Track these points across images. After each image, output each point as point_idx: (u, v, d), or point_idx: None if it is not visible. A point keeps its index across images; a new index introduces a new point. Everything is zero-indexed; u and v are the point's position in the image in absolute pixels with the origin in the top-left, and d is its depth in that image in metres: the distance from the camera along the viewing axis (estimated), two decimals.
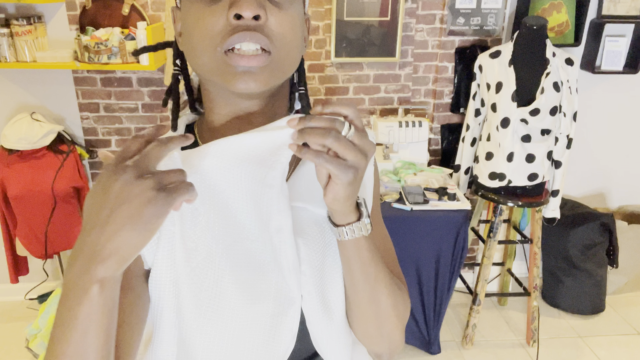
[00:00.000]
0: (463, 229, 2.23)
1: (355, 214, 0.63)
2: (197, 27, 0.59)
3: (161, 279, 0.63)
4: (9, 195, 2.40)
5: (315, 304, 0.68)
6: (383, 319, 0.70)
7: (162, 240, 0.62)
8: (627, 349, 2.62)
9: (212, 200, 0.63)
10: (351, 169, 0.56)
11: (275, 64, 0.60)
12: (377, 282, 0.68)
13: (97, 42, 2.23)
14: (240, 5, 0.55)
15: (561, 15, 2.59)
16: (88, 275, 0.50)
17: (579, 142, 2.92)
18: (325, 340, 0.70)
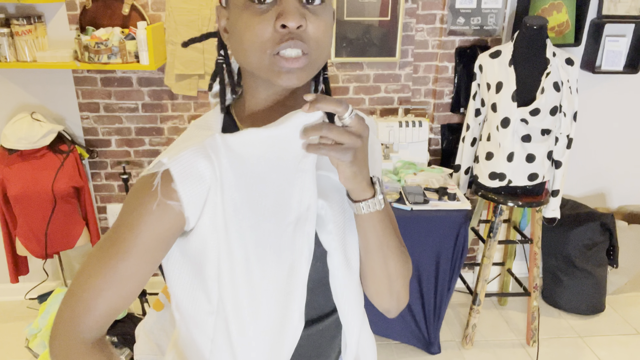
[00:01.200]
0: (463, 229, 2.23)
1: (370, 191, 0.74)
2: (247, 32, 0.69)
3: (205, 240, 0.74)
4: (9, 195, 2.40)
5: (340, 259, 0.80)
6: (393, 279, 0.83)
7: (207, 207, 0.72)
8: (627, 349, 2.62)
9: (249, 180, 0.73)
10: (348, 150, 0.68)
11: (312, 63, 0.71)
12: (389, 249, 0.80)
13: (97, 42, 2.23)
14: (286, 18, 0.66)
15: (561, 15, 2.59)
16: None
17: (579, 142, 2.92)
18: (345, 293, 0.83)
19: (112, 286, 0.73)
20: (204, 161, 0.71)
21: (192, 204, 0.71)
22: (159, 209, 0.71)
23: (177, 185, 0.70)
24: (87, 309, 0.73)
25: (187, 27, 2.43)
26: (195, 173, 0.71)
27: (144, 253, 0.72)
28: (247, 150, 0.73)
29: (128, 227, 0.72)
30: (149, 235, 0.72)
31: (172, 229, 0.73)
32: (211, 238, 0.73)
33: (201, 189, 0.71)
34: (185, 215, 0.72)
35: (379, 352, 2.54)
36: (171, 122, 2.65)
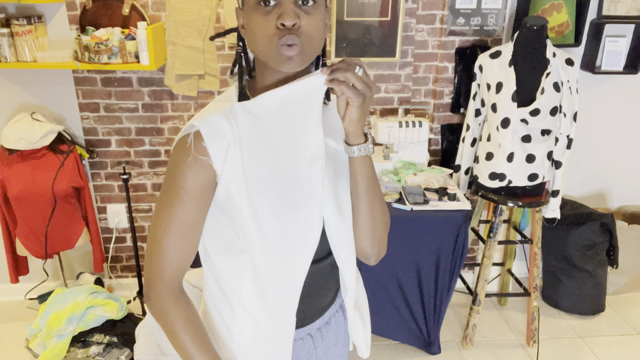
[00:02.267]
0: (463, 229, 2.23)
1: (363, 137, 0.93)
2: (257, 29, 0.88)
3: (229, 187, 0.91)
4: (9, 195, 2.40)
5: (333, 209, 0.97)
6: (376, 223, 1.01)
7: (228, 159, 0.89)
8: (627, 349, 2.62)
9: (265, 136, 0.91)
10: (361, 95, 0.86)
11: (306, 52, 0.88)
12: (374, 194, 0.98)
13: (98, 42, 2.23)
14: (284, 18, 0.84)
15: (561, 16, 2.59)
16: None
17: (579, 142, 2.92)
18: (340, 238, 1.00)
19: (179, 235, 0.91)
20: (225, 122, 0.89)
21: (218, 158, 0.88)
22: (194, 163, 0.88)
23: (207, 143, 0.87)
24: (168, 261, 0.92)
25: (187, 27, 2.43)
26: (219, 132, 0.88)
27: (194, 200, 0.90)
28: (262, 109, 0.91)
29: (175, 182, 0.90)
30: (192, 185, 0.89)
31: (208, 180, 0.90)
32: (233, 185, 0.90)
33: (223, 144, 0.88)
34: (214, 168, 0.89)
35: (379, 352, 2.54)
36: (171, 122, 2.65)
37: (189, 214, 0.90)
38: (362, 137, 0.93)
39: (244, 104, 0.92)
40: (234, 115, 0.90)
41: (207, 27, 2.45)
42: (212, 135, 0.88)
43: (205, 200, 0.91)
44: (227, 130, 0.89)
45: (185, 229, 0.91)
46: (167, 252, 0.91)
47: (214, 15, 2.44)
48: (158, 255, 0.92)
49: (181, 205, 0.90)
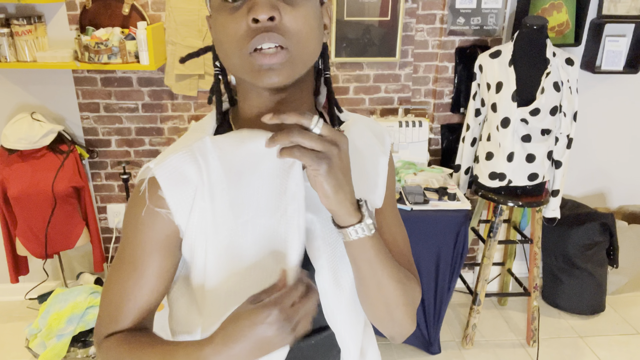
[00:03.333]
0: (463, 229, 2.23)
1: (356, 215, 0.68)
2: (224, 34, 0.67)
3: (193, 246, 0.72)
4: (9, 195, 2.40)
5: (328, 278, 0.75)
6: (392, 307, 0.76)
7: (194, 213, 0.71)
8: (627, 349, 2.62)
9: (243, 178, 0.71)
10: (323, 159, 0.63)
11: (294, 58, 0.67)
12: (384, 276, 0.73)
13: (98, 42, 2.23)
14: (255, 10, 0.63)
15: (561, 15, 2.59)
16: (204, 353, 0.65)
17: (579, 142, 2.92)
18: (336, 312, 0.78)
19: (129, 298, 0.74)
20: (191, 165, 0.70)
21: (180, 210, 0.70)
22: (148, 217, 0.71)
23: (164, 192, 0.69)
24: (113, 321, 0.76)
25: (187, 27, 2.43)
26: (182, 178, 0.70)
27: (149, 262, 0.73)
28: (238, 149, 0.71)
29: (128, 240, 0.74)
30: (147, 244, 0.72)
31: (169, 236, 0.72)
32: (200, 246, 0.72)
33: (187, 193, 0.70)
34: (175, 222, 0.71)
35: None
36: (171, 122, 2.65)
37: (142, 275, 0.73)
38: (354, 215, 0.68)
39: (218, 140, 0.72)
40: (203, 154, 0.70)
41: (206, 28, 2.45)
42: (172, 182, 0.69)
43: (166, 259, 0.73)
44: (193, 175, 0.70)
45: (138, 292, 0.74)
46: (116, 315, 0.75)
47: None
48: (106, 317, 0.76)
49: (134, 272, 0.73)
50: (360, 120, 0.84)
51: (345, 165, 0.66)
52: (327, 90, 0.81)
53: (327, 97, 0.82)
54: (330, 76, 0.80)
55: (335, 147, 0.64)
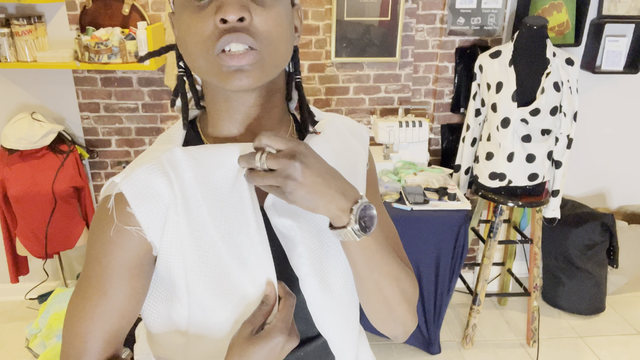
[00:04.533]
0: (463, 229, 2.23)
1: (344, 217, 0.65)
2: (189, 34, 0.63)
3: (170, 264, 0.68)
4: (9, 195, 2.40)
5: (314, 285, 0.71)
6: (393, 305, 0.74)
7: (167, 228, 0.66)
8: (627, 349, 2.62)
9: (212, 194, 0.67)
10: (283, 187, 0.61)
11: (265, 60, 0.64)
12: (383, 274, 0.71)
13: (98, 42, 2.23)
14: (224, 10, 0.59)
15: (561, 15, 2.59)
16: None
17: (580, 142, 2.92)
18: (327, 319, 0.74)
19: (98, 324, 0.69)
20: (160, 178, 0.66)
21: (152, 226, 0.66)
22: (117, 235, 0.66)
23: (133, 208, 0.65)
24: (85, 351, 0.70)
25: None
26: (151, 192, 0.65)
27: (119, 284, 0.68)
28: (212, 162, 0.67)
29: (95, 260, 0.68)
30: (117, 264, 0.67)
31: (140, 254, 0.67)
32: (176, 260, 0.67)
33: (159, 207, 0.66)
34: (148, 239, 0.67)
35: (379, 352, 2.54)
36: (171, 122, 2.65)
37: (113, 301, 0.68)
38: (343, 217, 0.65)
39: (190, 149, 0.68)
40: (173, 165, 0.66)
41: None
42: (141, 196, 0.65)
43: (137, 280, 0.69)
44: (163, 188, 0.65)
45: (108, 316, 0.69)
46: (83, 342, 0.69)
47: None
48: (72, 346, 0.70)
49: (102, 294, 0.68)
50: (335, 119, 0.82)
51: (318, 169, 0.62)
52: (298, 94, 0.78)
53: (298, 101, 0.78)
54: (301, 80, 0.77)
55: (293, 160, 0.60)
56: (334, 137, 0.78)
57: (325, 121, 0.80)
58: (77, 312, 0.69)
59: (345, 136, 0.80)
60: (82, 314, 0.69)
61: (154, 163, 0.66)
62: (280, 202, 0.71)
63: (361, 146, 0.82)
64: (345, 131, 0.81)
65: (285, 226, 0.70)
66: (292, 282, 0.73)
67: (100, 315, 0.68)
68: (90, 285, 0.68)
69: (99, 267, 0.68)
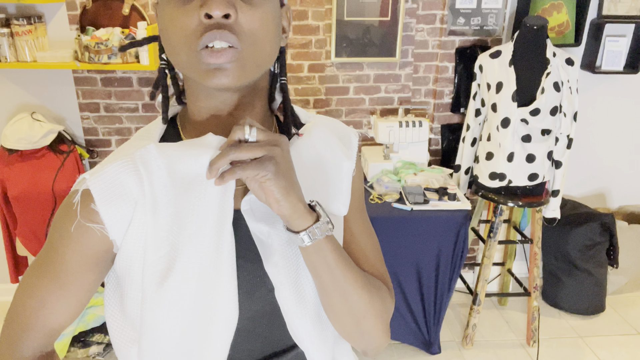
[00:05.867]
0: (463, 229, 2.23)
1: (310, 215, 0.65)
2: (172, 27, 0.62)
3: (130, 261, 0.67)
4: (9, 195, 2.40)
5: (289, 294, 0.70)
6: (359, 317, 0.72)
7: (133, 227, 0.65)
8: (627, 349, 2.62)
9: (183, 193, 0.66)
10: (267, 161, 0.60)
11: (246, 60, 0.63)
12: (347, 282, 0.69)
13: (98, 42, 2.23)
14: (209, 5, 0.58)
15: (561, 15, 2.59)
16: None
17: (580, 142, 2.92)
18: (301, 329, 0.73)
19: (46, 307, 0.70)
20: (131, 176, 0.64)
21: (117, 224, 0.65)
22: (78, 231, 0.66)
23: (98, 206, 0.64)
24: (26, 328, 0.71)
25: None
26: (119, 191, 0.64)
27: (74, 277, 0.68)
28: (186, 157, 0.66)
29: (53, 249, 0.68)
30: (74, 258, 0.67)
31: (98, 252, 0.67)
32: (137, 257, 0.66)
33: (125, 207, 0.65)
34: (110, 237, 0.66)
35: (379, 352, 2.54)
36: None
37: (64, 289, 0.69)
38: (308, 216, 0.65)
39: (164, 147, 0.66)
40: (145, 162, 0.65)
41: None
42: (108, 196, 0.64)
43: (91, 275, 0.69)
44: (132, 187, 0.64)
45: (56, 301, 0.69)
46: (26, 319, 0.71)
47: None
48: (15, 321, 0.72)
49: (54, 280, 0.68)
50: (322, 122, 0.79)
51: (290, 167, 0.63)
52: (282, 96, 0.76)
53: (282, 103, 0.77)
54: (286, 82, 0.75)
55: (277, 147, 0.62)
56: (319, 140, 0.75)
57: (312, 124, 0.77)
58: (27, 293, 0.70)
59: (331, 140, 0.77)
60: (33, 296, 0.70)
61: (126, 160, 0.65)
62: (258, 207, 0.69)
63: (348, 152, 0.79)
64: (332, 136, 0.78)
65: (263, 232, 0.69)
66: (269, 289, 0.72)
67: (52, 304, 0.69)
68: (46, 270, 0.69)
69: (56, 256, 0.68)
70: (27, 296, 0.71)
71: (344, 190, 0.77)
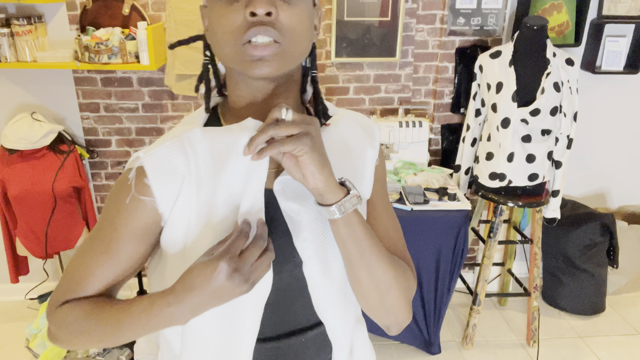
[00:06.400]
0: (463, 229, 2.24)
1: (341, 190, 0.71)
2: (219, 24, 0.70)
3: (175, 234, 0.74)
4: (9, 195, 2.40)
5: (316, 269, 0.77)
6: (383, 291, 0.77)
7: (179, 201, 0.73)
8: (627, 349, 2.62)
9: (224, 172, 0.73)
10: (303, 137, 0.66)
11: (285, 53, 0.70)
12: (373, 256, 0.74)
13: (98, 42, 2.23)
14: (254, 4, 0.66)
15: (561, 16, 2.59)
16: (168, 308, 0.69)
17: (580, 142, 2.92)
18: (326, 304, 0.79)
19: (95, 275, 0.76)
20: (179, 155, 0.72)
21: (166, 198, 0.72)
22: (132, 204, 0.73)
23: (150, 181, 0.71)
24: (73, 292, 0.77)
25: (187, 27, 2.43)
26: (169, 168, 0.72)
27: (123, 246, 0.75)
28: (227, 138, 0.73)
29: (108, 220, 0.75)
30: (125, 229, 0.74)
31: (148, 223, 0.74)
32: (181, 230, 0.73)
33: (174, 183, 0.72)
34: (159, 210, 0.73)
35: (379, 352, 2.54)
36: (171, 122, 2.65)
37: (112, 257, 0.75)
38: (339, 190, 0.70)
39: (208, 129, 0.74)
40: (192, 144, 0.72)
41: None
42: (159, 172, 0.71)
43: (141, 245, 0.76)
44: (180, 165, 0.72)
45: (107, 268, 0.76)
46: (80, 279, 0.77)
47: None
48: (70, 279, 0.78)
49: (107, 249, 0.75)
50: (348, 114, 0.87)
51: (322, 144, 0.69)
52: (313, 87, 0.84)
53: (313, 94, 0.84)
54: (317, 75, 0.83)
55: (308, 124, 0.67)
56: (345, 130, 0.83)
57: (339, 116, 0.85)
58: (81, 259, 0.77)
59: (356, 131, 0.84)
60: (85, 261, 0.77)
61: (175, 141, 0.73)
62: (289, 187, 0.75)
63: (372, 142, 0.86)
64: (356, 126, 0.85)
65: (293, 210, 0.75)
66: (296, 264, 0.77)
67: (100, 267, 0.76)
68: (99, 241, 0.76)
69: (110, 227, 0.75)
70: (78, 263, 0.77)
71: (367, 176, 0.83)
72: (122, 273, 0.77)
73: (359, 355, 0.89)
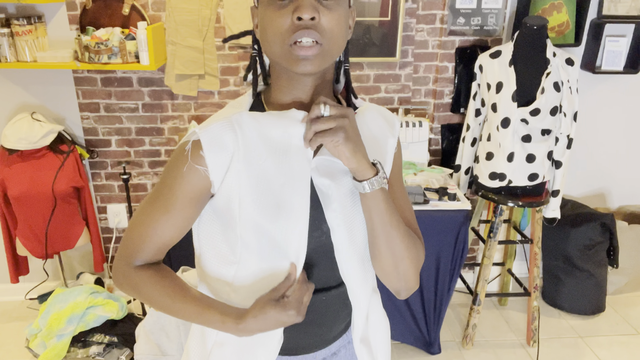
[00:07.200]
0: (463, 229, 2.24)
1: (372, 170, 0.85)
2: (270, 26, 0.82)
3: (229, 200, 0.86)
4: (9, 195, 2.41)
5: (343, 235, 0.90)
6: (398, 259, 0.91)
7: (229, 173, 0.85)
8: (627, 349, 2.62)
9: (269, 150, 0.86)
10: (338, 131, 0.80)
11: (326, 52, 0.82)
12: (392, 228, 0.88)
13: (98, 42, 2.23)
14: (301, 10, 0.78)
15: (561, 15, 2.59)
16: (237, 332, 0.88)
17: (580, 142, 2.92)
18: (350, 267, 0.93)
19: (156, 232, 0.89)
20: (229, 133, 0.84)
21: (217, 169, 0.84)
22: (188, 171, 0.85)
23: (205, 152, 0.83)
24: (137, 248, 0.91)
25: (187, 27, 2.43)
26: (221, 143, 0.84)
27: (180, 208, 0.87)
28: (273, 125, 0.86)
29: (166, 185, 0.88)
30: (182, 193, 0.86)
31: (201, 189, 0.86)
32: (235, 197, 0.86)
33: (224, 156, 0.84)
34: (210, 178, 0.85)
35: None
36: (171, 122, 2.65)
37: (171, 219, 0.88)
38: (370, 170, 0.85)
39: (255, 113, 0.87)
40: (240, 124, 0.85)
41: (207, 27, 2.45)
42: (212, 145, 0.84)
43: (194, 209, 0.88)
44: (229, 142, 0.84)
45: (163, 229, 0.89)
46: (139, 241, 0.90)
47: (213, 15, 2.44)
48: (130, 242, 0.91)
49: (165, 211, 0.88)
50: (372, 107, 1.00)
51: (357, 132, 0.82)
52: (345, 78, 0.97)
53: (345, 85, 0.98)
54: (349, 67, 0.95)
55: (345, 118, 0.80)
56: (370, 121, 0.96)
57: (365, 107, 0.98)
58: (141, 220, 0.90)
59: (379, 120, 0.97)
60: (146, 222, 0.89)
61: (226, 121, 0.85)
62: (322, 165, 0.89)
63: (392, 132, 0.99)
64: (380, 117, 0.98)
65: (325, 185, 0.88)
66: (323, 232, 0.91)
67: (162, 226, 0.89)
68: (158, 203, 0.88)
69: (168, 191, 0.87)
70: (139, 222, 0.90)
71: (387, 161, 0.97)
72: (175, 232, 0.89)
73: (374, 321, 1.03)
